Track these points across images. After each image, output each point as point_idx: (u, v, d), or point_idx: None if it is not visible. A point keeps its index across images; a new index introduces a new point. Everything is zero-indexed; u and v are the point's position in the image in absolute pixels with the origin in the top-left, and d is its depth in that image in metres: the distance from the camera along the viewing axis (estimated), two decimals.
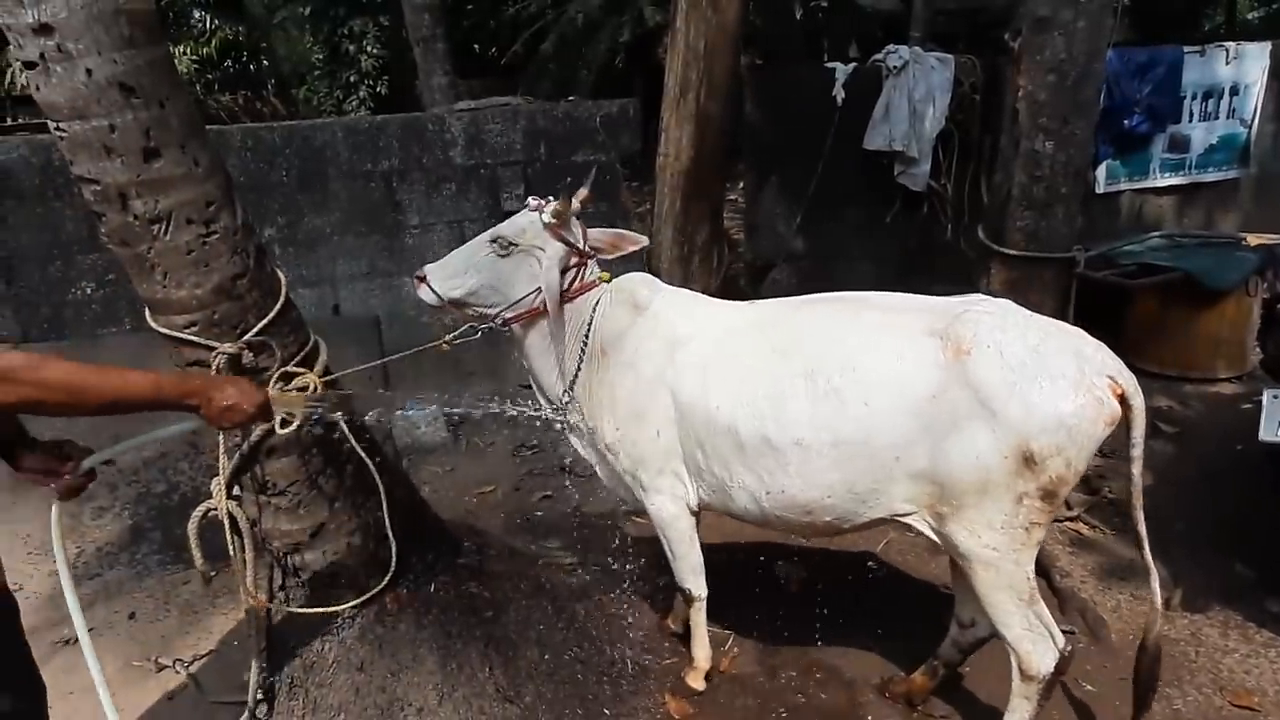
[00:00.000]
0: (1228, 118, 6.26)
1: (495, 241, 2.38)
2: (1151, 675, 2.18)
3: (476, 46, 13.29)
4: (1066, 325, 2.10)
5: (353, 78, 12.13)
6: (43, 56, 1.82)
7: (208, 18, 14.00)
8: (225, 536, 2.25)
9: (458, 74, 8.51)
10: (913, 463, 2.04)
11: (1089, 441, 1.95)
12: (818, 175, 5.55)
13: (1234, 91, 6.19)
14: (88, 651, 1.83)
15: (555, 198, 2.36)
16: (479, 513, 3.78)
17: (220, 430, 2.12)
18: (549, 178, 5.38)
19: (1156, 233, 5.38)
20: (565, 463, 4.08)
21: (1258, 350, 4.84)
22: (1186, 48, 5.94)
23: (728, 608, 2.88)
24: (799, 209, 5.70)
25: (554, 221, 2.34)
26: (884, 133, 5.56)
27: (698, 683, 2.62)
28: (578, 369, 2.45)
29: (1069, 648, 2.16)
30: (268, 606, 2.41)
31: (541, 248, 2.36)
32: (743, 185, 6.56)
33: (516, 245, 2.37)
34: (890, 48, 5.64)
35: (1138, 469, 2.07)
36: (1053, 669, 2.10)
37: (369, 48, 11.98)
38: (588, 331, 2.43)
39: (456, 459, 4.39)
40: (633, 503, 2.60)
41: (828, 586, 2.94)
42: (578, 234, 2.41)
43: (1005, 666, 2.18)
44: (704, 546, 2.56)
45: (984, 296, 2.20)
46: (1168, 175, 6.28)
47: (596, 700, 2.54)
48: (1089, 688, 2.57)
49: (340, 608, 2.44)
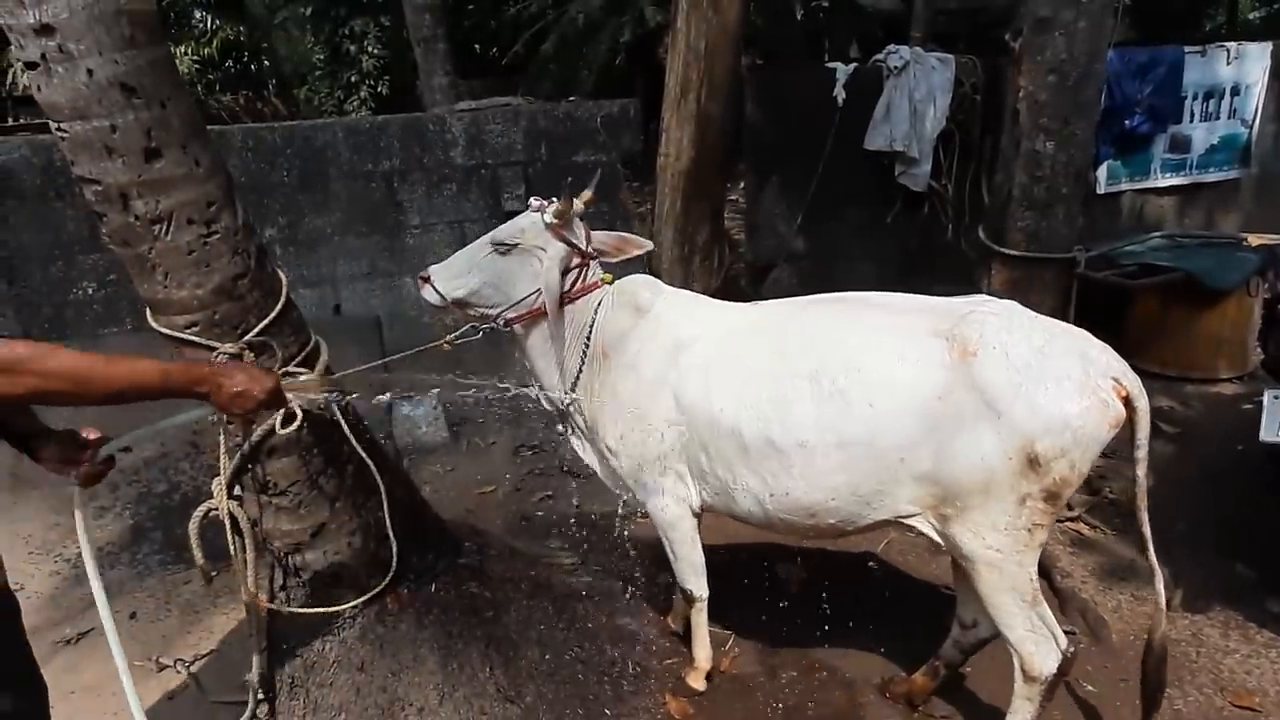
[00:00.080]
0: (1229, 118, 6.26)
1: (497, 241, 2.38)
2: (1159, 676, 2.18)
3: (477, 47, 13.29)
4: (1071, 327, 2.10)
5: (354, 78, 12.14)
6: (44, 57, 1.83)
7: (209, 18, 14.01)
8: (226, 536, 2.25)
9: (459, 74, 8.52)
10: (917, 464, 2.04)
11: (1093, 443, 1.94)
12: (818, 175, 5.55)
13: (1235, 92, 6.19)
14: (109, 629, 1.83)
15: (557, 198, 2.36)
16: (480, 513, 3.78)
17: (232, 417, 2.12)
18: (550, 178, 5.38)
19: (1157, 233, 5.37)
20: (566, 463, 4.09)
21: (1259, 350, 4.83)
22: (1187, 48, 5.94)
23: (729, 608, 2.88)
24: (800, 209, 5.70)
25: (555, 222, 2.34)
26: (885, 133, 5.56)
27: (698, 683, 2.62)
28: (579, 370, 2.45)
29: (1071, 649, 2.16)
30: (268, 606, 2.40)
31: (543, 248, 2.36)
32: (743, 185, 6.56)
33: (518, 245, 2.37)
34: (891, 48, 5.64)
35: (1142, 470, 2.06)
36: (1055, 670, 2.10)
37: (370, 48, 12.00)
38: (589, 333, 2.43)
39: (457, 459, 4.39)
40: (634, 504, 2.60)
41: (828, 587, 2.94)
42: (580, 235, 2.40)
43: (1006, 666, 2.18)
44: (705, 547, 2.56)
45: (988, 297, 2.19)
46: (1169, 175, 6.28)
47: (597, 700, 2.54)
48: (1090, 688, 2.57)
49: (341, 608, 2.44)
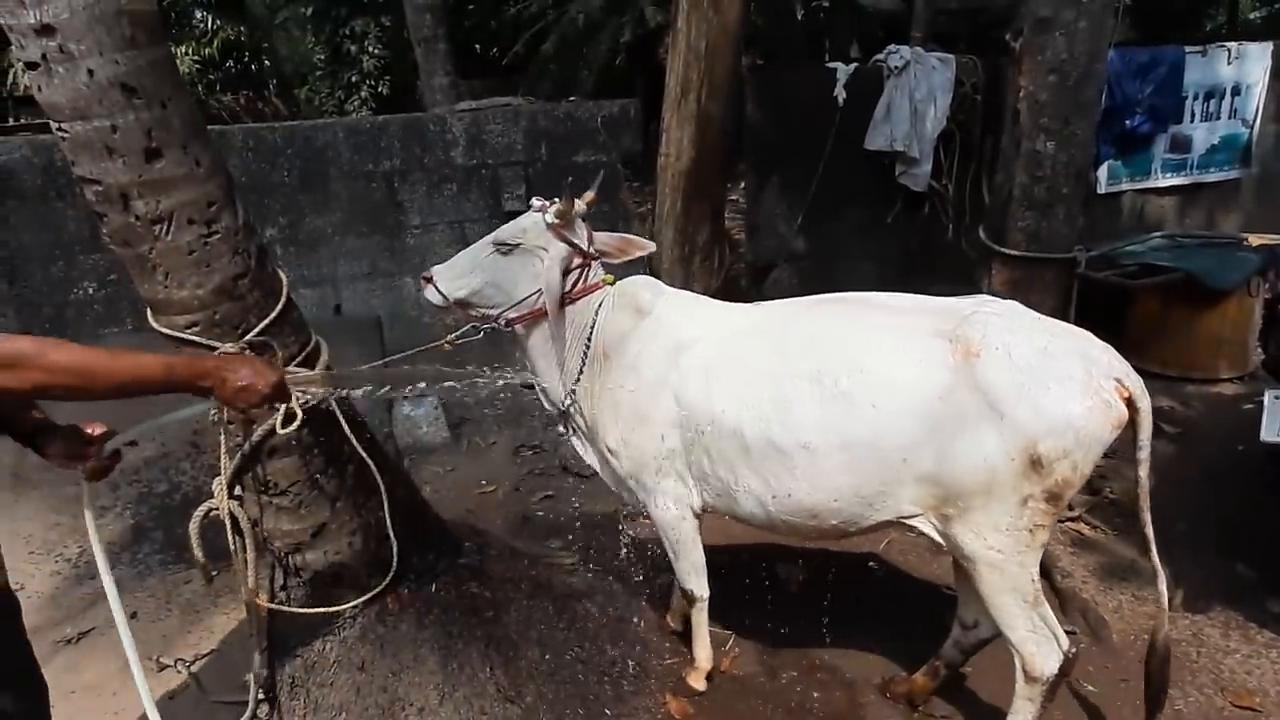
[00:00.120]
0: (1229, 118, 6.26)
1: (499, 241, 2.38)
2: (1162, 676, 2.18)
3: (478, 47, 13.29)
4: (1073, 327, 2.10)
5: (354, 78, 12.15)
6: (45, 57, 1.82)
7: (210, 18, 14.01)
8: (227, 536, 2.26)
9: (459, 74, 8.52)
10: (920, 465, 2.03)
11: (1096, 444, 1.94)
12: (819, 175, 5.54)
13: (1236, 92, 6.19)
14: (120, 621, 1.83)
15: (559, 198, 2.36)
16: (480, 512, 3.78)
17: (234, 413, 2.12)
18: (550, 178, 5.38)
19: (1158, 233, 5.37)
20: (566, 463, 4.09)
21: (1259, 351, 4.83)
22: (1188, 48, 5.94)
23: (729, 608, 2.88)
24: (800, 209, 5.70)
25: (557, 222, 2.34)
26: (885, 133, 5.56)
27: (699, 683, 2.62)
28: (580, 371, 2.45)
29: (1073, 649, 2.16)
30: (269, 606, 2.41)
31: (544, 248, 2.36)
32: (744, 185, 6.55)
33: (519, 245, 2.37)
34: (891, 48, 5.64)
35: (1144, 471, 2.06)
36: (1057, 670, 2.10)
37: (370, 48, 12.00)
38: (590, 334, 2.42)
39: (457, 459, 4.39)
40: (635, 505, 2.59)
41: (829, 586, 2.94)
42: (582, 235, 2.40)
43: (1007, 666, 2.18)
44: (705, 547, 2.55)
45: (990, 298, 2.18)
46: (1169, 175, 6.28)
47: (598, 700, 2.54)
48: (1090, 688, 2.57)
49: (341, 607, 2.44)
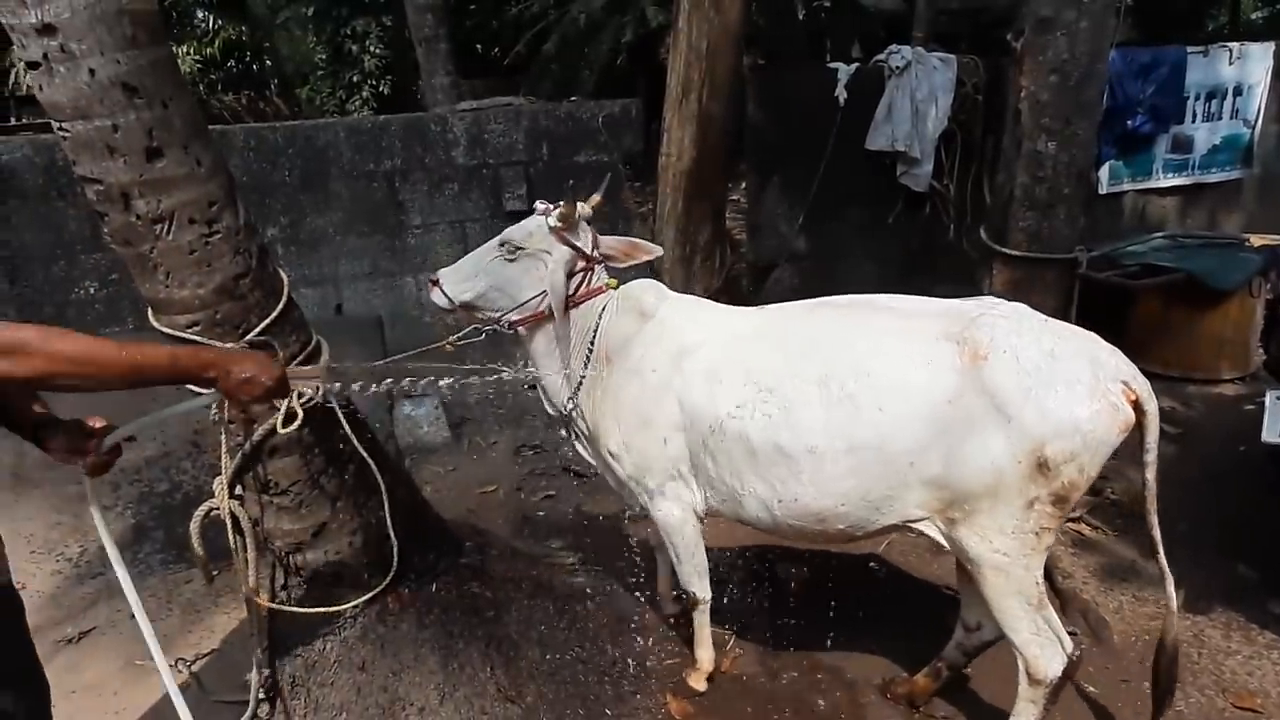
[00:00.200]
0: (1231, 118, 6.26)
1: (503, 245, 2.39)
2: (1170, 676, 2.18)
3: (479, 46, 13.28)
4: (1080, 330, 2.09)
5: (355, 78, 12.13)
6: (46, 57, 1.83)
7: (211, 18, 14.00)
8: (228, 535, 2.26)
9: (460, 74, 8.52)
10: (927, 468, 2.03)
11: (1103, 447, 1.94)
12: (820, 175, 5.55)
13: (1237, 92, 6.19)
14: (137, 610, 1.84)
15: (562, 201, 2.36)
16: (481, 512, 3.78)
17: (236, 407, 2.12)
18: (551, 178, 5.39)
19: (1159, 233, 5.37)
20: (567, 463, 4.09)
21: (1261, 351, 4.83)
22: (1190, 48, 5.94)
23: (730, 608, 2.89)
24: (801, 209, 5.70)
25: (559, 225, 2.34)
26: (886, 133, 5.56)
27: (700, 684, 2.62)
28: (583, 375, 2.45)
29: (1076, 652, 2.16)
30: (270, 606, 2.41)
31: (548, 251, 2.36)
32: (745, 185, 6.55)
33: (523, 249, 2.37)
34: (893, 48, 5.64)
35: (1151, 474, 2.05)
36: (1060, 673, 2.10)
37: (372, 48, 11.99)
38: (594, 337, 2.43)
39: (458, 459, 4.39)
40: (637, 507, 2.59)
41: (830, 587, 2.94)
42: (586, 239, 2.40)
43: (1008, 668, 2.18)
44: (706, 548, 2.55)
45: (997, 300, 2.18)
46: (1171, 176, 6.28)
47: (598, 700, 2.54)
48: (1091, 689, 2.57)
49: (342, 607, 2.44)
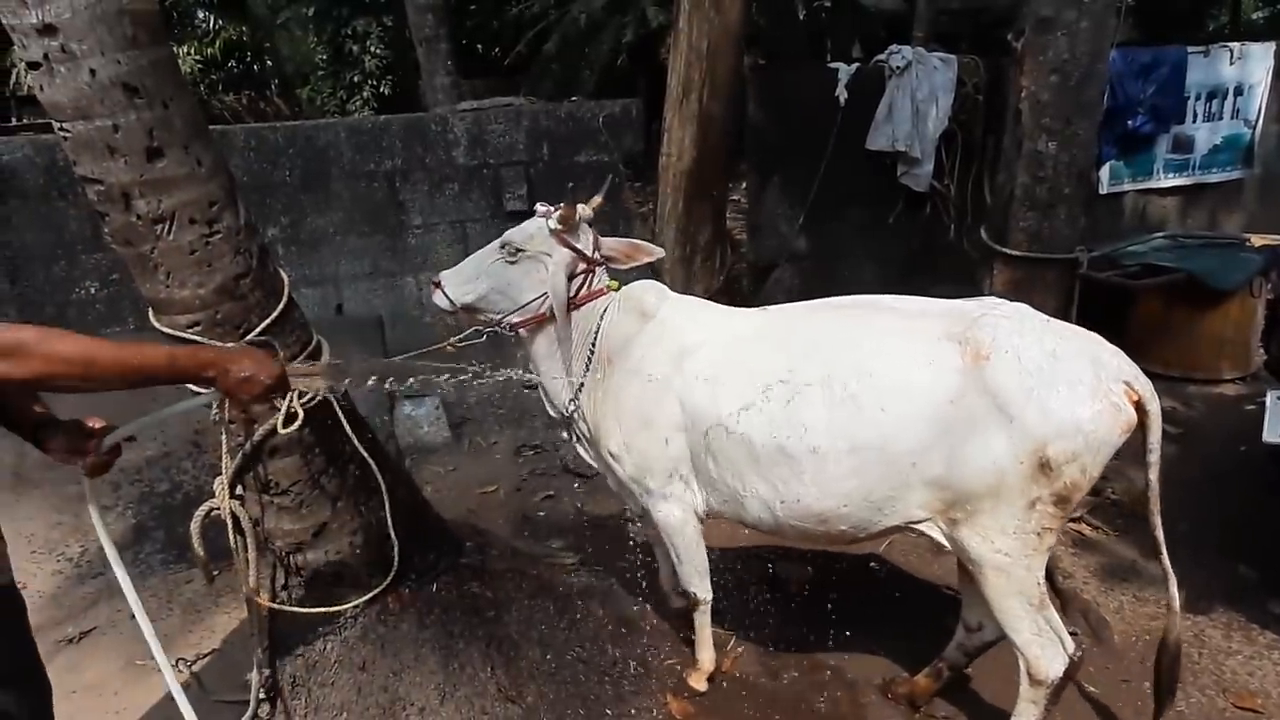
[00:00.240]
0: (1232, 118, 6.26)
1: (504, 247, 2.39)
2: (1172, 676, 2.18)
3: (479, 46, 13.28)
4: (1083, 330, 2.09)
5: (356, 78, 12.13)
6: (47, 57, 1.83)
7: (212, 18, 14.01)
8: (228, 536, 2.26)
9: (461, 74, 8.53)
10: (929, 469, 2.03)
11: (1105, 448, 1.94)
12: (820, 175, 5.55)
13: (1238, 92, 6.19)
14: (136, 607, 1.92)
15: (562, 203, 2.37)
16: (481, 512, 3.78)
17: (236, 406, 2.12)
18: (552, 178, 5.39)
19: (1160, 233, 5.37)
20: (567, 463, 4.09)
21: (1262, 351, 4.83)
22: (1190, 48, 5.93)
23: (730, 608, 2.88)
24: (802, 209, 5.70)
25: (559, 228, 2.34)
26: (887, 133, 5.56)
27: (700, 684, 2.61)
28: (584, 376, 2.45)
29: (1078, 652, 2.16)
30: (270, 606, 2.41)
31: (548, 253, 2.36)
32: (745, 185, 6.56)
33: (524, 251, 2.37)
34: (893, 48, 5.64)
35: (1155, 475, 2.05)
36: (1061, 674, 2.10)
37: (372, 48, 11.99)
38: (595, 339, 2.43)
39: (459, 459, 4.39)
40: (638, 508, 2.58)
41: (830, 587, 2.94)
42: (586, 241, 2.40)
43: (1009, 668, 2.18)
44: (707, 549, 2.55)
45: (999, 300, 2.18)
46: (1171, 176, 6.28)
47: (599, 700, 2.54)
48: (1091, 689, 2.57)
49: (343, 607, 2.45)
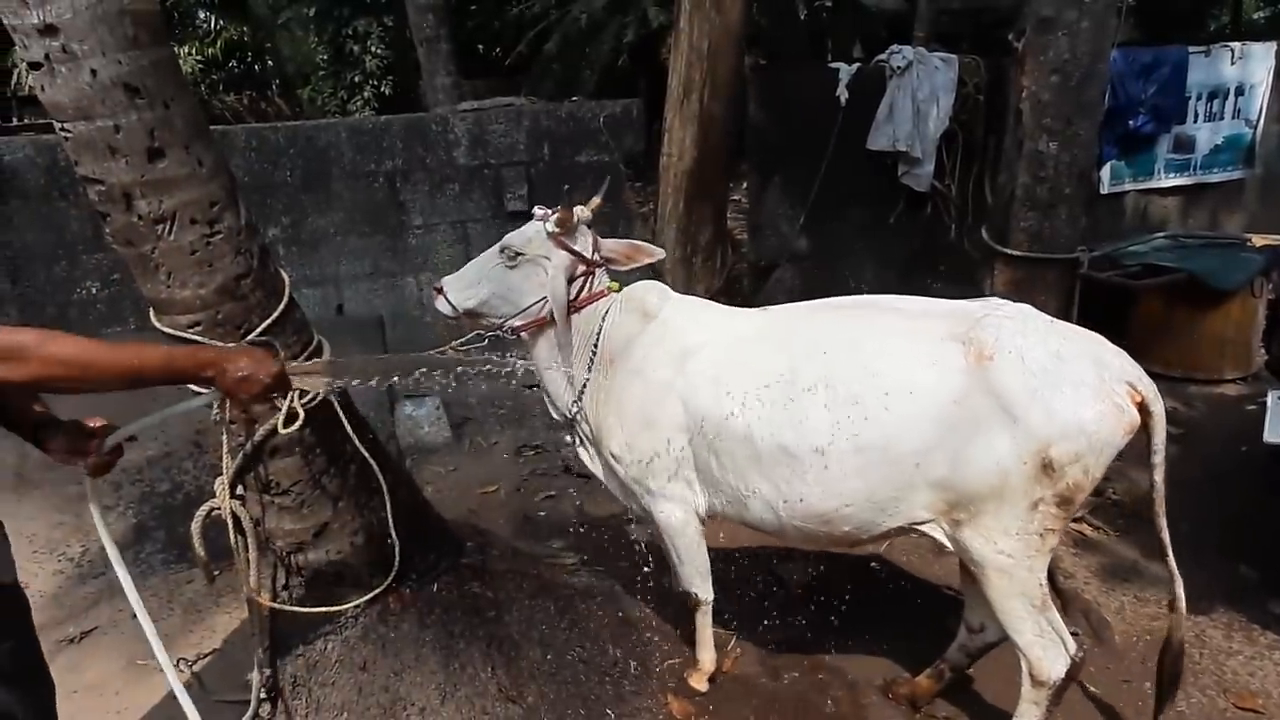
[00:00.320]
0: (1233, 118, 6.25)
1: (504, 251, 2.39)
2: (1174, 675, 2.18)
3: (480, 47, 13.28)
4: (1086, 331, 2.09)
5: (357, 78, 12.13)
6: (48, 57, 1.83)
7: (213, 18, 14.02)
8: (229, 536, 2.26)
9: (461, 74, 8.53)
10: (933, 469, 2.02)
11: (1108, 449, 1.94)
12: (821, 176, 5.55)
13: (1239, 92, 6.19)
14: (137, 606, 1.92)
15: (560, 205, 2.37)
16: (482, 512, 3.78)
17: (236, 405, 2.12)
18: (552, 178, 5.39)
19: (1161, 233, 5.37)
20: (568, 463, 4.09)
21: (1263, 351, 4.83)
22: (1191, 48, 5.93)
23: (731, 609, 2.88)
24: (802, 209, 5.70)
25: (557, 230, 2.34)
26: (888, 133, 5.56)
27: (701, 684, 2.61)
28: (586, 378, 2.45)
29: (1080, 653, 2.15)
30: (271, 605, 2.41)
31: (547, 257, 2.36)
32: (746, 185, 6.56)
33: (523, 255, 2.37)
34: (894, 48, 5.64)
35: (1159, 476, 2.05)
36: (1064, 675, 2.10)
37: (373, 48, 11.98)
38: (597, 340, 2.43)
39: (459, 459, 4.40)
40: (639, 511, 2.58)
41: (831, 587, 2.94)
42: (585, 243, 2.40)
43: (1011, 668, 2.18)
44: (708, 549, 2.55)
45: (1002, 301, 2.18)
46: (1172, 176, 6.28)
47: (599, 700, 2.54)
48: (1092, 689, 2.57)
49: (343, 607, 2.45)
